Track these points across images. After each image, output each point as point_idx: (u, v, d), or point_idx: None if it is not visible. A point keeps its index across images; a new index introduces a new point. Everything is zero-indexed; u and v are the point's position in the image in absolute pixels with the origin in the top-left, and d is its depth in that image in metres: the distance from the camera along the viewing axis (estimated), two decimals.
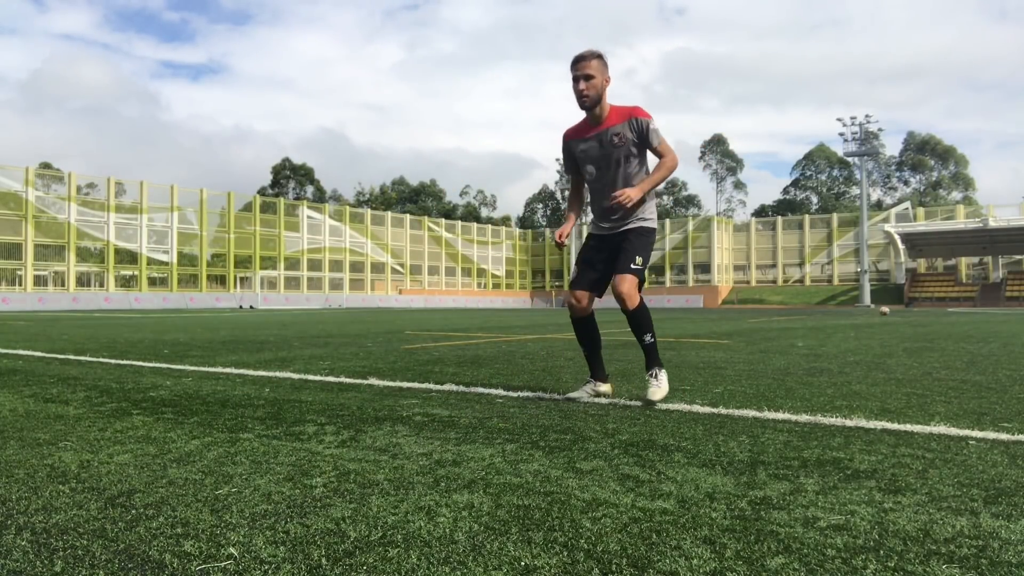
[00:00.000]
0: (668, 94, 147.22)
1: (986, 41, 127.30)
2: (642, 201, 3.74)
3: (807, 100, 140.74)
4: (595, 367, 4.00)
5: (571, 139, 3.90)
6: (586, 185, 3.99)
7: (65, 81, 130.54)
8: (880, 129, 64.92)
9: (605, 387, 3.99)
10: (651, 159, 3.85)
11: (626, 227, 3.84)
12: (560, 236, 3.85)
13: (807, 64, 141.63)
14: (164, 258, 47.55)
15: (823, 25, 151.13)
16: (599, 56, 3.68)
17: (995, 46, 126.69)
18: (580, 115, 3.84)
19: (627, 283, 3.73)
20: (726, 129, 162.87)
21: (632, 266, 3.75)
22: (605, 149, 3.76)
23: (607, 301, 3.97)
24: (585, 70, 3.64)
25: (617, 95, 3.93)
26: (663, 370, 3.86)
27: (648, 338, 3.83)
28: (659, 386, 3.79)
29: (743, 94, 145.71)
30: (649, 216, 3.87)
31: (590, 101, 3.68)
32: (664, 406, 3.69)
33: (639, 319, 3.80)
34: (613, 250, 3.86)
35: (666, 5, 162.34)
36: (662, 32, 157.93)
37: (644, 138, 3.71)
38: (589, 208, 4.09)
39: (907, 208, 61.79)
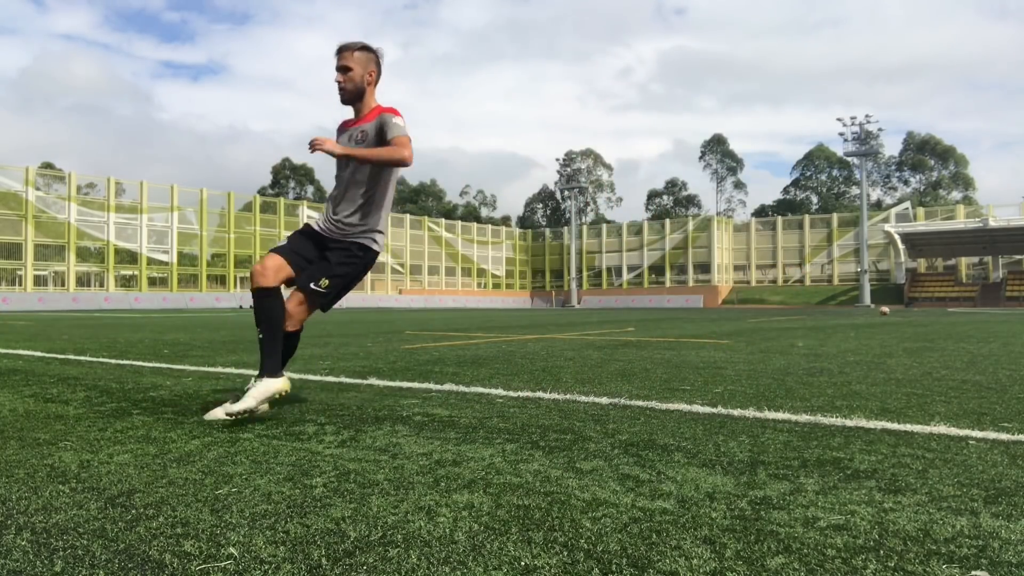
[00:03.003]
0: (665, 93, 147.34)
1: (986, 41, 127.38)
2: (366, 215, 3.51)
3: (806, 99, 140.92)
4: None
5: (338, 129, 3.69)
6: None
7: (56, 79, 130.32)
8: (880, 129, 65.10)
9: None
10: None
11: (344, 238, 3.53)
12: None
13: (806, 63, 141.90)
14: (164, 258, 47.56)
15: (822, 24, 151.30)
16: (363, 47, 3.48)
17: (995, 46, 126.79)
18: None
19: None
20: (724, 129, 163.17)
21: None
22: (350, 145, 3.48)
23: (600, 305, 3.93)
24: (343, 61, 3.45)
25: (614, 94, 3.85)
26: None
27: None
28: None
29: (741, 93, 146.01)
30: (366, 236, 3.54)
31: (347, 95, 3.49)
32: (664, 406, 3.68)
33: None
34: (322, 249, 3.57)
35: (664, 5, 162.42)
36: (660, 32, 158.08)
37: (381, 132, 3.41)
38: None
39: (907, 208, 61.79)
